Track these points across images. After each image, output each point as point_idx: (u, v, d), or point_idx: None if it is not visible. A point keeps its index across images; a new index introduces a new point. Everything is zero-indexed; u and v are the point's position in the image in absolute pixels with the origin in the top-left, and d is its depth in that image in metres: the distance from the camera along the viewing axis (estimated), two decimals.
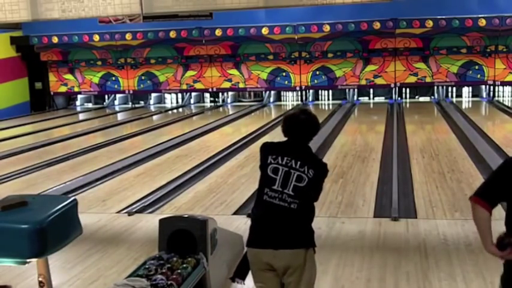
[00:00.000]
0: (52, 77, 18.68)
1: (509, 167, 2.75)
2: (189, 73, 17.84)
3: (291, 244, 3.00)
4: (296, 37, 16.17)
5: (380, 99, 17.46)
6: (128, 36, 16.78)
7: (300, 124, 3.13)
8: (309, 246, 3.08)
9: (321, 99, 17.88)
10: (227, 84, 17.71)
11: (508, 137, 10.79)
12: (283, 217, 3.01)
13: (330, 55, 16.79)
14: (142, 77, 18.17)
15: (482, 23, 15.20)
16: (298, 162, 3.06)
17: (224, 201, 6.83)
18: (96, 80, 18.52)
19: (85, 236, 3.45)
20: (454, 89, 17.23)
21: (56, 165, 9.56)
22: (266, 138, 11.42)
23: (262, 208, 3.08)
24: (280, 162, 3.08)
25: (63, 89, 18.78)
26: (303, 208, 3.03)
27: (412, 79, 16.75)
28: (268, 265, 3.06)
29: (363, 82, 16.90)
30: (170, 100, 19.06)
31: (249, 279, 4.52)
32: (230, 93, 18.33)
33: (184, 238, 4.08)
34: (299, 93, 17.57)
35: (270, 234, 3.03)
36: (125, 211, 6.59)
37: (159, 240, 4.18)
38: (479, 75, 16.40)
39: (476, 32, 15.50)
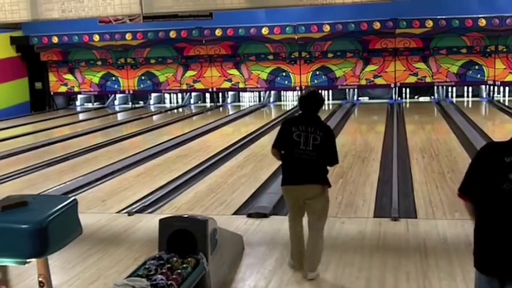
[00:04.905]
0: (52, 77, 18.68)
1: (481, 155, 2.76)
2: (189, 73, 17.84)
3: (310, 181, 4.38)
4: (296, 37, 16.17)
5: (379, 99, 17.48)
6: (128, 36, 16.78)
7: (307, 100, 4.54)
8: (323, 183, 4.43)
9: None
10: (227, 84, 17.71)
11: (508, 137, 10.72)
12: (308, 166, 4.37)
13: (330, 55, 16.80)
14: (142, 77, 18.17)
15: (482, 23, 15.20)
16: (312, 128, 4.39)
17: (224, 201, 6.83)
18: (96, 80, 18.52)
19: (85, 236, 3.45)
20: (454, 89, 17.25)
21: (56, 165, 9.56)
22: (266, 138, 11.43)
23: (294, 161, 4.42)
24: (300, 129, 4.40)
25: (63, 89, 18.78)
26: (320, 158, 4.38)
27: (412, 79, 16.75)
28: (295, 195, 4.46)
29: (363, 82, 16.91)
30: (170, 100, 19.06)
31: (251, 280, 4.53)
32: (230, 93, 18.35)
33: (184, 238, 4.08)
34: (299, 93, 17.55)
35: (298, 176, 4.40)
36: (125, 211, 6.59)
37: (159, 240, 4.18)
38: (479, 75, 16.40)
39: (476, 32, 15.49)
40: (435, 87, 17.13)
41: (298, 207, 4.51)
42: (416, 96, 17.49)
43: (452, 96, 17.25)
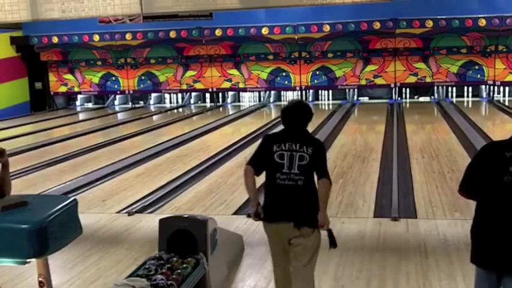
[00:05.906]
0: (52, 77, 18.68)
1: (482, 152, 2.82)
2: (189, 73, 17.84)
3: (300, 223, 3.48)
4: (296, 37, 16.17)
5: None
6: (128, 36, 16.77)
7: (293, 113, 3.61)
8: (315, 226, 3.52)
9: (321, 99, 17.88)
10: (227, 84, 17.71)
11: (507, 137, 10.74)
12: (292, 194, 3.50)
13: (330, 55, 16.80)
14: (142, 77, 18.18)
15: (482, 23, 15.20)
16: (298, 145, 3.52)
17: (224, 201, 6.83)
18: (96, 80, 18.52)
19: (85, 236, 3.44)
20: (454, 89, 17.25)
21: (56, 165, 9.56)
22: None
23: (276, 190, 3.56)
24: (283, 148, 3.54)
25: (63, 89, 18.78)
26: (308, 183, 3.51)
27: (412, 79, 16.76)
28: (279, 234, 3.57)
29: (363, 82, 16.91)
30: (170, 100, 19.06)
31: (252, 280, 4.53)
32: (230, 93, 18.34)
33: (184, 238, 4.08)
34: (299, 93, 17.56)
35: (282, 212, 3.52)
36: (125, 211, 6.59)
37: (159, 240, 4.18)
38: (479, 75, 16.40)
39: (476, 32, 15.49)
40: (435, 87, 17.13)
41: (283, 249, 3.61)
42: (416, 96, 17.49)
43: (452, 96, 17.25)
